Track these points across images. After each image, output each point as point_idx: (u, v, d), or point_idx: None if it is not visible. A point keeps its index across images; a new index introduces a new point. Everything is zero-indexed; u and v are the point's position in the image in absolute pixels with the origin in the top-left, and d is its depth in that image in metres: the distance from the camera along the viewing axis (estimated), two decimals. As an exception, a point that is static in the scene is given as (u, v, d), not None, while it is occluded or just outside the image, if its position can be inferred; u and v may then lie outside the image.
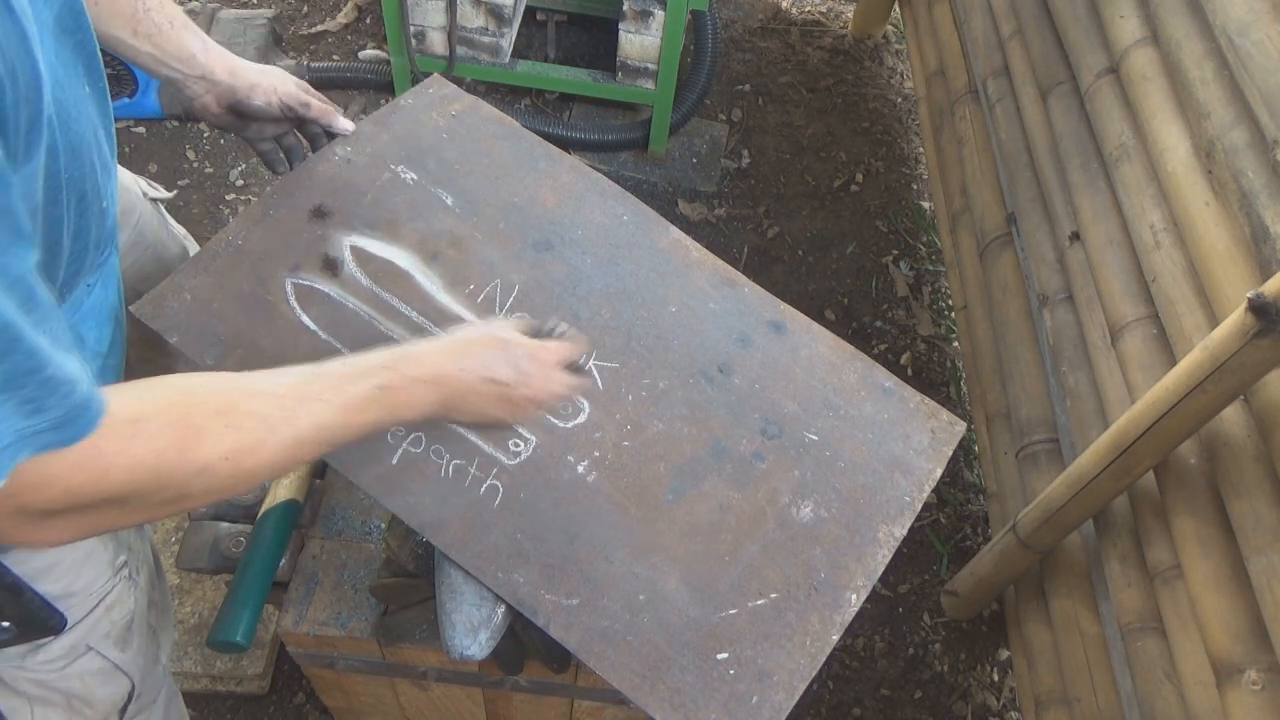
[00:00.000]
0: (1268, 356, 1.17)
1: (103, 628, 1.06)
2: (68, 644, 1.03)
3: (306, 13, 3.07)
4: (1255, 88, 1.30)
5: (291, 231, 1.16)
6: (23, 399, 0.58)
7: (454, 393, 0.90)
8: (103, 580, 1.03)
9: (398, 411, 0.85)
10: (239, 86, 1.11)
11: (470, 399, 0.91)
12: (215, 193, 2.59)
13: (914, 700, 1.99)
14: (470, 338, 0.94)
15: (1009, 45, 2.10)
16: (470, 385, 0.91)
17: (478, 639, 1.00)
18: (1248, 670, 1.19)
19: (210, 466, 0.69)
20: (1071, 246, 1.73)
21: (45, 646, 1.01)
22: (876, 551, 1.05)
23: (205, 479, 0.70)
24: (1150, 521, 1.44)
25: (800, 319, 1.21)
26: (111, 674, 1.10)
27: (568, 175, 1.27)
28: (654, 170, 2.79)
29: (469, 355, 0.92)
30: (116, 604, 1.06)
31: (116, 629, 1.08)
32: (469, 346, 0.92)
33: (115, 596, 1.06)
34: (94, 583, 1.02)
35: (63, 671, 1.05)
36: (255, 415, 0.73)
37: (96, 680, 1.09)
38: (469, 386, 0.90)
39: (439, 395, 0.88)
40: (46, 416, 0.60)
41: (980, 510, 2.24)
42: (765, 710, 0.95)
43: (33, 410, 0.59)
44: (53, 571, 0.95)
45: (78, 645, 1.04)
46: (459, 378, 0.90)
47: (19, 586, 0.87)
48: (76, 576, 0.99)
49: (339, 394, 0.80)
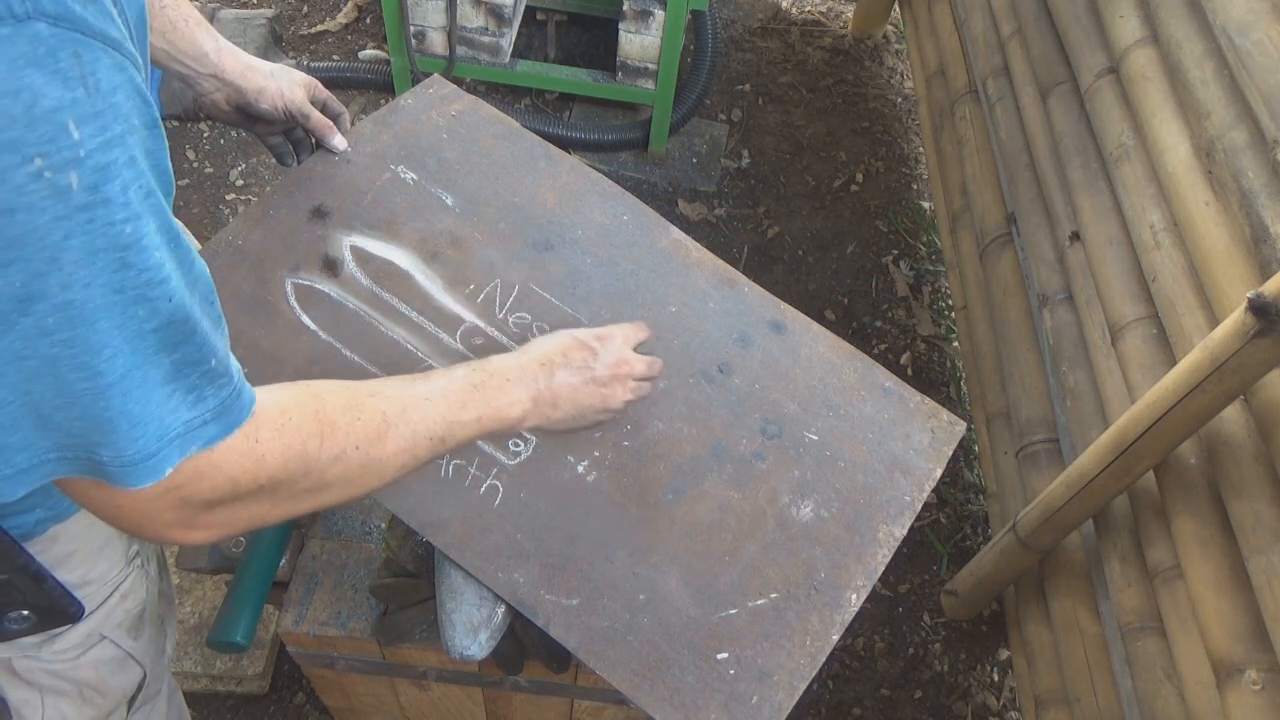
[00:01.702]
0: (1268, 356, 1.17)
1: (116, 616, 1.07)
2: (83, 632, 1.04)
3: (306, 13, 3.07)
4: (1255, 88, 1.30)
5: (291, 231, 1.16)
6: (187, 388, 0.62)
7: (543, 387, 0.94)
8: (117, 569, 1.04)
9: (499, 409, 0.90)
10: (247, 89, 1.13)
11: (560, 390, 0.96)
12: (215, 193, 2.59)
13: (914, 700, 1.99)
14: (541, 340, 1.00)
15: (1009, 45, 2.10)
16: (556, 377, 0.96)
17: (478, 639, 1.00)
18: (1248, 670, 1.19)
19: (344, 454, 0.74)
20: (1071, 246, 1.73)
21: (61, 636, 1.02)
22: (876, 551, 1.05)
23: (341, 466, 0.74)
24: (1150, 521, 1.44)
25: (800, 319, 1.21)
26: (124, 662, 1.11)
27: (568, 175, 1.27)
28: (654, 170, 2.79)
29: (545, 352, 0.97)
30: (130, 593, 1.07)
31: (130, 618, 1.09)
32: (543, 346, 0.98)
33: (129, 585, 1.07)
34: (109, 571, 1.03)
35: (76, 661, 1.05)
36: (376, 410, 0.78)
37: (109, 669, 1.10)
38: (555, 379, 0.95)
39: (529, 391, 0.93)
40: (206, 406, 0.63)
41: (980, 510, 2.24)
42: (765, 710, 0.95)
43: (195, 400, 0.62)
44: (72, 559, 0.96)
45: (93, 634, 1.05)
46: (541, 369, 0.95)
47: (41, 574, 0.88)
48: (93, 565, 1.00)
49: (441, 393, 0.85)
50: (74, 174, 0.52)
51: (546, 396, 0.94)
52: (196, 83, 1.12)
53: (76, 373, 0.56)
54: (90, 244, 0.54)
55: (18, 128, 0.50)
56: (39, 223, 0.51)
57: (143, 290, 0.57)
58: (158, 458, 0.61)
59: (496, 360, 0.94)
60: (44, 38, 0.50)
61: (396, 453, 0.79)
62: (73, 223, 0.52)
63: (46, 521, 0.89)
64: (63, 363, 0.55)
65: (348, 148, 1.23)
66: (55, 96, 0.51)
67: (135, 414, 0.59)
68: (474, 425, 0.87)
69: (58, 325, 0.54)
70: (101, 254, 0.54)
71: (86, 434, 0.59)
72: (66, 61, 0.51)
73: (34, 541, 0.89)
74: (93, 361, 0.56)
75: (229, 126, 1.22)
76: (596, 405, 0.99)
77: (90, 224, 0.53)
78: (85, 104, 0.52)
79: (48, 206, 0.51)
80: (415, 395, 0.83)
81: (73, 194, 0.52)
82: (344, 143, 1.23)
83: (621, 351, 1.01)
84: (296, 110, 1.17)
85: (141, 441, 0.60)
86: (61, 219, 0.52)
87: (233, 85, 1.12)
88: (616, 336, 1.02)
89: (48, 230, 0.52)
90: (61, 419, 0.58)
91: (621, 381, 1.01)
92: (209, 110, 1.15)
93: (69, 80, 0.51)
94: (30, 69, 0.50)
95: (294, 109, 1.16)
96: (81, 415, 0.58)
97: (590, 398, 0.98)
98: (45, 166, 0.51)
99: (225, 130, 2.71)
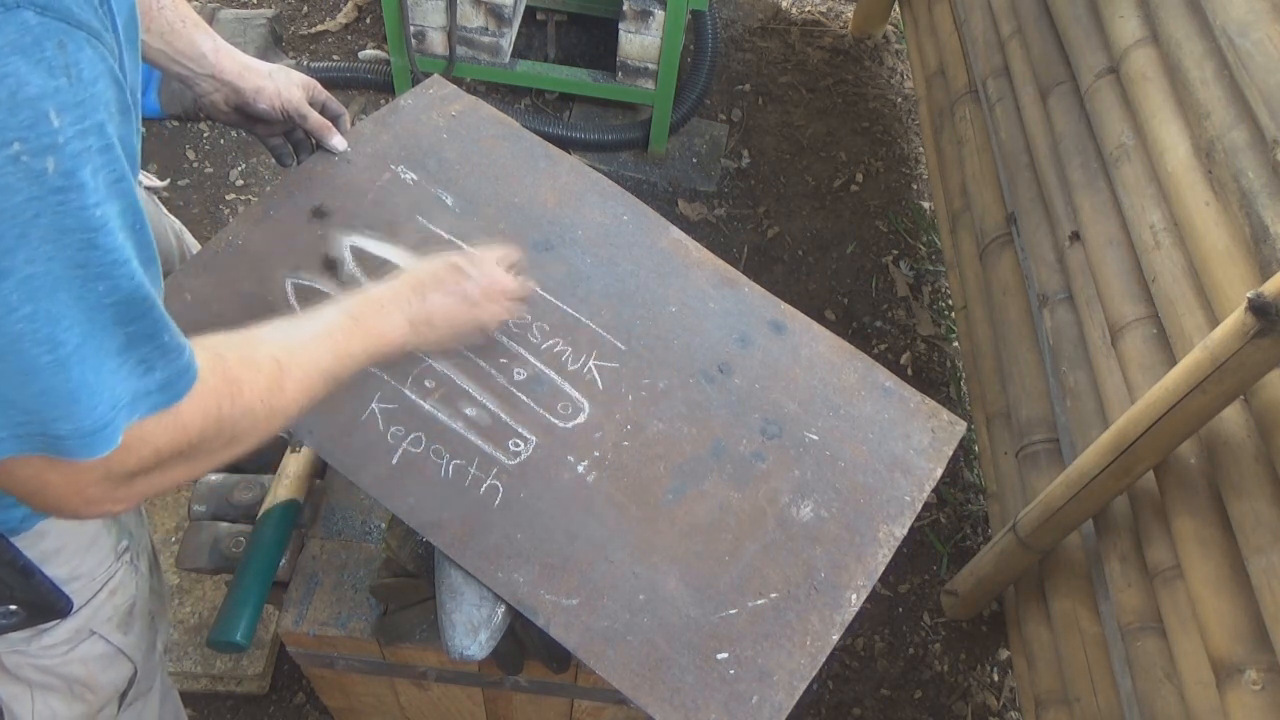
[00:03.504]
0: (1268, 356, 1.17)
1: (105, 612, 1.07)
2: (72, 628, 1.04)
3: (306, 13, 3.07)
4: (1255, 88, 1.30)
5: (292, 231, 1.16)
6: (138, 359, 0.63)
7: (418, 310, 0.96)
8: (106, 564, 1.04)
9: (381, 337, 0.92)
10: (245, 89, 1.13)
11: (435, 311, 0.98)
12: (215, 193, 2.59)
13: (914, 700, 1.99)
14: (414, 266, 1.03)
15: (1009, 45, 2.10)
16: (429, 299, 0.98)
17: (478, 639, 1.00)
18: (1248, 670, 1.19)
19: (252, 408, 0.75)
20: (1071, 246, 1.73)
21: (49, 631, 1.02)
22: (877, 551, 1.05)
23: (249, 420, 0.76)
24: (1150, 521, 1.44)
25: (800, 319, 1.21)
26: (114, 658, 1.11)
27: (568, 175, 1.27)
28: (654, 170, 2.79)
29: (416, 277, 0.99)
30: (119, 588, 1.08)
31: (119, 613, 1.09)
32: (414, 271, 1.01)
33: (118, 581, 1.07)
34: (98, 567, 1.03)
35: (66, 656, 1.05)
36: (270, 358, 0.79)
37: (99, 665, 1.10)
38: (428, 300, 0.98)
39: (404, 315, 0.95)
40: (155, 378, 0.65)
41: (980, 510, 2.24)
42: (765, 710, 0.95)
43: (145, 370, 0.64)
44: (60, 554, 0.96)
45: (81, 629, 1.05)
46: (414, 294, 0.97)
47: (30, 569, 0.88)
48: (82, 560, 1.00)
49: (326, 329, 0.87)
50: (50, 159, 0.54)
51: (421, 317, 0.97)
52: (195, 83, 1.12)
53: (38, 346, 0.57)
54: (60, 223, 0.55)
55: (0, 112, 0.51)
56: (12, 203, 0.53)
57: (106, 269, 0.59)
58: (111, 427, 0.63)
59: (370, 289, 0.96)
60: (30, 26, 0.52)
61: (296, 395, 0.81)
62: (44, 203, 0.54)
63: (34, 516, 0.89)
64: (26, 338, 0.57)
65: (347, 148, 1.24)
66: (38, 84, 0.52)
67: (92, 383, 0.60)
68: (361, 355, 0.90)
69: (21, 300, 0.56)
70: (70, 234, 0.56)
71: (45, 409, 0.60)
72: (51, 51, 0.53)
73: (22, 536, 0.89)
74: (53, 333, 0.58)
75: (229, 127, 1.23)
76: (472, 323, 1.02)
77: (62, 206, 0.55)
78: (67, 93, 0.54)
79: (22, 188, 0.53)
80: (301, 335, 0.85)
81: (48, 178, 0.54)
82: (343, 143, 1.23)
83: (492, 272, 1.04)
84: (294, 110, 1.17)
85: (98, 411, 0.61)
86: (34, 199, 0.54)
87: (230, 85, 1.13)
88: (488, 259, 1.05)
89: (19, 210, 0.54)
90: (20, 396, 0.59)
91: (495, 300, 1.03)
92: (208, 111, 1.16)
93: (53, 69, 0.53)
94: (16, 56, 0.51)
95: (291, 109, 1.17)
96: (42, 390, 0.59)
97: (464, 316, 1.01)
98: (23, 151, 0.52)
99: (225, 130, 2.71)
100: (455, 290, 1.00)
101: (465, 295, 1.00)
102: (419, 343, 0.98)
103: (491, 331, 1.07)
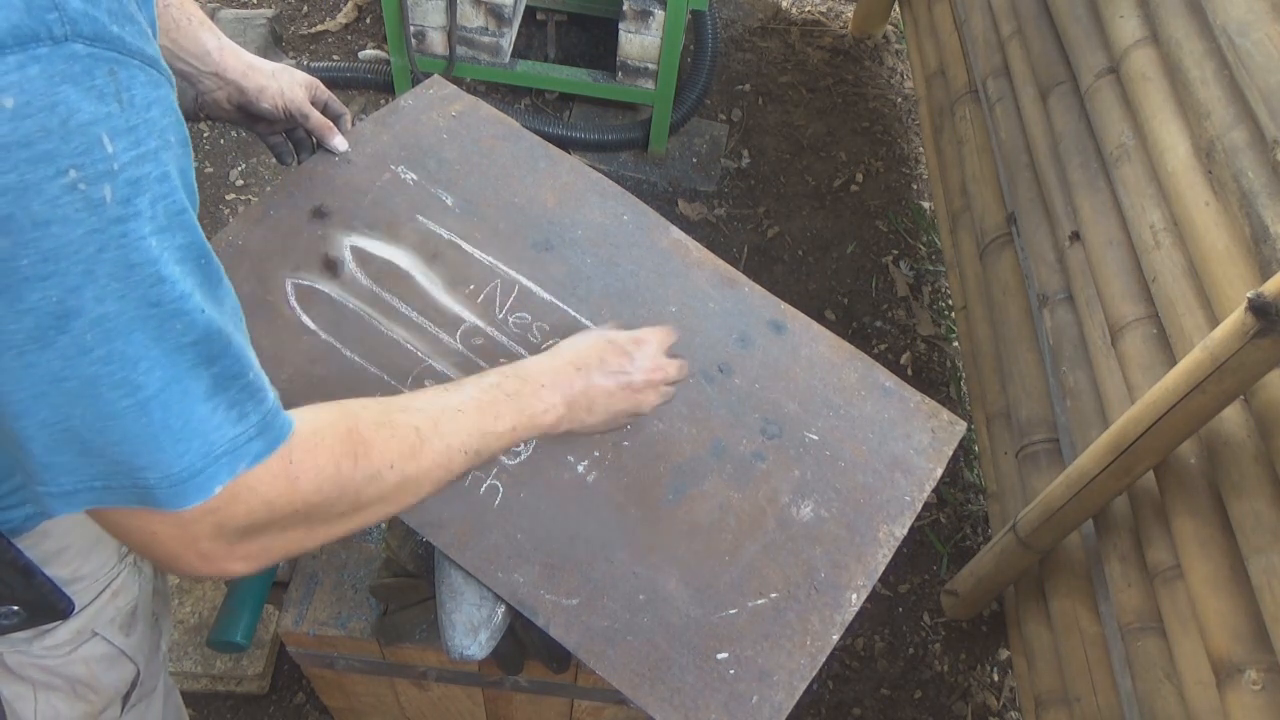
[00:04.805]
0: (1268, 356, 1.17)
1: (108, 613, 1.06)
2: (74, 629, 1.03)
3: (306, 13, 3.07)
4: (1255, 88, 1.30)
5: (292, 231, 1.16)
6: (229, 403, 0.61)
7: (577, 391, 0.94)
8: (109, 566, 1.04)
9: (533, 417, 0.89)
10: (248, 89, 1.13)
11: (594, 395, 0.95)
12: (215, 193, 2.59)
13: (914, 700, 1.99)
14: (575, 340, 0.99)
15: (1009, 45, 2.10)
16: (590, 380, 0.95)
17: (478, 639, 1.00)
18: (1248, 670, 1.19)
19: (379, 474, 0.72)
20: (1071, 246, 1.73)
21: (51, 631, 1.02)
22: (877, 551, 1.05)
23: (376, 486, 0.72)
24: (1150, 521, 1.44)
25: (800, 319, 1.21)
26: (116, 659, 1.11)
27: (568, 175, 1.27)
28: (654, 170, 2.79)
29: (579, 354, 0.97)
30: (122, 590, 1.07)
31: (121, 614, 1.09)
32: (576, 347, 0.98)
33: (121, 582, 1.07)
34: (101, 568, 1.03)
35: (68, 657, 1.05)
36: (409, 425, 0.76)
37: (101, 666, 1.09)
38: (589, 382, 0.95)
39: (563, 396, 0.93)
40: (249, 423, 0.62)
41: (980, 510, 2.24)
42: (765, 710, 0.95)
43: (239, 416, 0.62)
44: (63, 555, 0.96)
45: (84, 630, 1.05)
46: (577, 375, 0.95)
47: (30, 570, 0.88)
48: (85, 561, 1.00)
49: (475, 403, 0.84)
50: (107, 187, 0.53)
51: (581, 401, 0.94)
52: (198, 81, 1.12)
53: (116, 390, 0.56)
54: (125, 258, 0.54)
55: (53, 140, 0.50)
56: (74, 235, 0.52)
57: (177, 304, 0.57)
58: (204, 475, 0.60)
59: (530, 364, 0.93)
60: (80, 56, 0.51)
61: (431, 468, 0.77)
62: (107, 235, 0.53)
63: (37, 517, 0.89)
64: (102, 381, 0.56)
65: (348, 148, 1.24)
66: (90, 111, 0.52)
67: (178, 429, 0.59)
68: (508, 434, 0.87)
69: (95, 341, 0.54)
70: (137, 269, 0.55)
71: (131, 458, 0.58)
72: (102, 79, 0.52)
73: (24, 537, 0.89)
74: (131, 376, 0.56)
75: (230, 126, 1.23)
76: (629, 409, 1.00)
77: (124, 238, 0.54)
78: (119, 118, 0.53)
79: (82, 219, 0.52)
80: (447, 407, 0.82)
81: (106, 207, 0.53)
82: (344, 143, 1.23)
83: (657, 357, 1.02)
84: (296, 110, 1.17)
85: (187, 458, 0.59)
86: (96, 232, 0.53)
87: (234, 84, 1.12)
88: (651, 341, 1.02)
89: (83, 243, 0.52)
90: (103, 443, 0.58)
91: (655, 387, 1.01)
92: (210, 109, 1.16)
93: (104, 96, 0.52)
94: (66, 85, 0.51)
95: (294, 109, 1.17)
96: (124, 436, 0.58)
97: (624, 402, 0.98)
98: (80, 179, 0.52)
99: (225, 130, 2.71)
100: (618, 373, 0.97)
101: (629, 381, 0.97)
102: (572, 425, 0.95)
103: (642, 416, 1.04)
